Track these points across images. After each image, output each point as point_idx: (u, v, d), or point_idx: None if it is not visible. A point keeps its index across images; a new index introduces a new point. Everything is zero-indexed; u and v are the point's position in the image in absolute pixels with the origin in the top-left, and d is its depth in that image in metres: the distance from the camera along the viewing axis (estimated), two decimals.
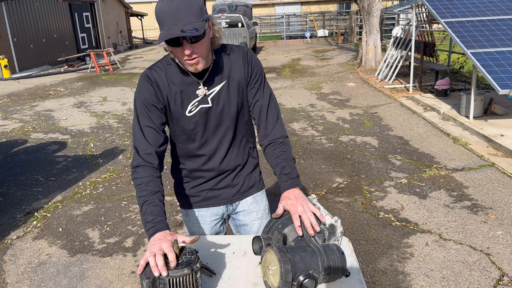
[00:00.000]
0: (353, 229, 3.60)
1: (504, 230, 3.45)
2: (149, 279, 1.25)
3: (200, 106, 1.61)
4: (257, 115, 1.69)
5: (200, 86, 1.60)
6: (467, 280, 2.86)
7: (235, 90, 1.64)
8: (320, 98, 8.88)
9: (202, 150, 1.69)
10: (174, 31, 1.39)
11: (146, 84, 1.58)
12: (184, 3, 1.41)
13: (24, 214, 4.13)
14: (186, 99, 1.60)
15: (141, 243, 3.52)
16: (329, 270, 1.26)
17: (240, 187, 1.80)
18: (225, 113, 1.65)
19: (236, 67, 1.63)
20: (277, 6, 29.52)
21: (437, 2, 7.38)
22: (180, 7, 1.40)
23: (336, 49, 18.42)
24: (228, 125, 1.67)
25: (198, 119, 1.63)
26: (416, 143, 5.70)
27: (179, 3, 1.40)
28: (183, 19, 1.40)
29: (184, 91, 1.59)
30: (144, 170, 1.50)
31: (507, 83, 5.45)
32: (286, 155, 1.63)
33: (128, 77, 12.80)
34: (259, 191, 1.86)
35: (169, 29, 1.40)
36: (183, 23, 1.40)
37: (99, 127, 7.21)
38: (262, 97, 1.69)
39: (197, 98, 1.60)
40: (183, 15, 1.40)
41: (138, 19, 27.68)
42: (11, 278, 3.10)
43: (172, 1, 1.40)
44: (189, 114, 1.61)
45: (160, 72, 1.60)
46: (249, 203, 1.84)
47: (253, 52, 1.69)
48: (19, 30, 14.86)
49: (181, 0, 1.40)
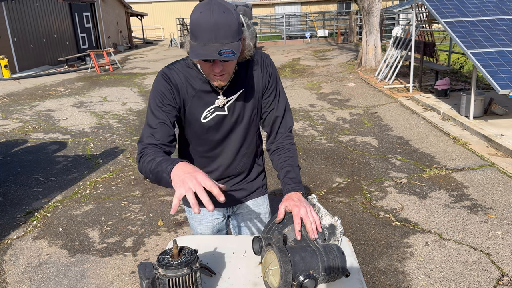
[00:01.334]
0: (353, 229, 3.60)
1: (504, 230, 3.44)
2: (149, 279, 1.25)
3: (216, 113, 1.59)
4: (270, 124, 1.68)
5: (219, 96, 1.57)
6: (467, 280, 2.85)
7: (252, 99, 1.62)
8: (320, 98, 8.88)
9: (210, 154, 1.69)
10: (210, 51, 1.32)
11: (164, 83, 1.53)
12: (224, 19, 1.32)
13: (24, 214, 4.13)
14: (203, 106, 1.57)
15: (141, 243, 3.52)
16: (329, 270, 1.26)
17: (242, 192, 1.81)
18: (239, 122, 1.64)
19: (254, 75, 1.61)
20: (277, 6, 29.51)
21: (437, 2, 7.38)
22: (219, 23, 1.31)
23: (336, 49, 18.42)
24: (240, 133, 1.67)
25: (211, 125, 1.61)
26: (416, 143, 5.69)
27: (219, 18, 1.32)
28: (221, 38, 1.32)
29: (202, 97, 1.56)
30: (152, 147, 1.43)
31: (507, 83, 5.45)
32: (292, 161, 1.64)
33: (128, 77, 12.80)
34: (261, 196, 1.87)
35: (204, 46, 1.33)
36: (220, 43, 1.32)
37: (99, 127, 7.21)
38: (277, 108, 1.67)
39: (214, 105, 1.58)
40: (221, 33, 1.32)
41: (138, 19, 27.67)
42: (11, 278, 3.10)
43: (211, 14, 1.31)
44: (204, 120, 1.59)
45: (180, 74, 1.55)
46: (249, 206, 1.85)
47: (271, 59, 1.66)
48: (19, 30, 14.86)
49: (221, 15, 1.32)
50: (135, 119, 7.64)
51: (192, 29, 1.36)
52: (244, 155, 1.73)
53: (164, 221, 3.87)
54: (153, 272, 1.27)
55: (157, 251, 3.39)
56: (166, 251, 1.35)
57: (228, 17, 1.32)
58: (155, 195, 4.44)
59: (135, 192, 4.53)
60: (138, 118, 7.69)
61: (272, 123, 1.68)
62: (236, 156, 1.71)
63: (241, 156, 1.72)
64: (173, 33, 27.15)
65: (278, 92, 1.67)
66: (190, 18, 1.37)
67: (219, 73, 1.44)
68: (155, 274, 1.27)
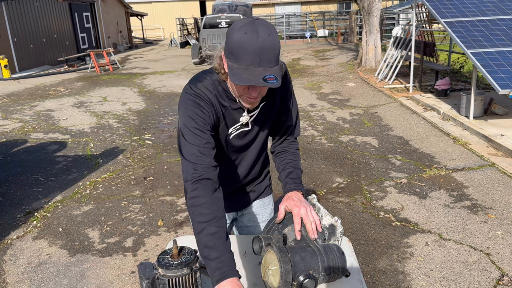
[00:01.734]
0: (353, 229, 3.60)
1: (504, 230, 3.44)
2: (149, 279, 1.25)
3: (241, 129, 1.58)
4: (280, 132, 1.68)
5: (244, 113, 1.54)
6: (467, 280, 2.85)
7: (272, 111, 1.60)
8: (320, 98, 8.88)
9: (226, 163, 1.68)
10: (254, 76, 1.27)
11: (198, 104, 1.43)
12: (270, 42, 1.28)
13: (24, 214, 4.13)
14: (230, 123, 1.55)
15: (141, 243, 3.52)
16: (329, 270, 1.26)
17: (252, 194, 1.83)
18: (259, 134, 1.63)
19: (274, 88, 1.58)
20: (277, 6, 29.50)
21: (437, 2, 7.37)
22: (265, 46, 1.27)
23: (336, 49, 18.41)
24: (258, 144, 1.67)
25: (235, 141, 1.60)
26: (416, 143, 5.69)
27: (265, 41, 1.27)
28: (265, 62, 1.28)
29: (230, 115, 1.53)
30: (205, 188, 1.32)
31: (507, 83, 5.45)
32: (296, 164, 1.66)
33: (128, 77, 12.80)
34: (267, 196, 1.88)
35: (247, 70, 1.28)
36: (264, 67, 1.28)
37: (99, 127, 7.21)
38: (289, 117, 1.66)
39: (240, 122, 1.56)
40: (266, 57, 1.27)
41: (138, 19, 27.67)
42: (11, 278, 3.10)
43: (257, 36, 1.26)
44: (230, 137, 1.58)
45: (210, 93, 1.47)
46: (256, 206, 1.86)
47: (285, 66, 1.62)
48: (19, 30, 14.86)
49: (267, 38, 1.27)
50: (135, 119, 7.64)
51: (233, 49, 1.29)
52: (259, 163, 1.76)
53: (164, 221, 3.87)
54: (153, 272, 1.27)
55: (157, 251, 3.39)
56: (166, 251, 1.35)
57: (273, 41, 1.28)
58: (155, 195, 4.44)
59: (135, 192, 4.53)
60: (138, 118, 7.69)
61: (283, 132, 1.68)
62: (252, 166, 1.73)
63: (256, 165, 1.75)
64: (173, 33, 27.14)
65: (291, 100, 1.65)
66: (232, 37, 1.30)
67: (255, 97, 1.41)
68: (155, 274, 1.27)
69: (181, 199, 4.32)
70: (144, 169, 5.19)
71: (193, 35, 24.96)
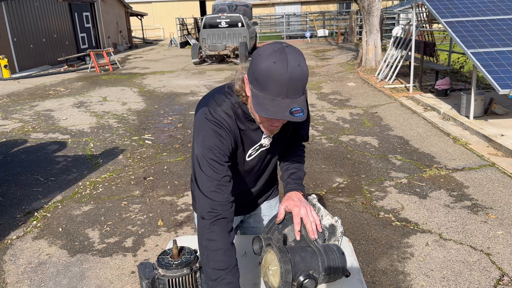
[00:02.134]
0: (353, 229, 3.60)
1: (504, 230, 3.44)
2: (149, 279, 1.25)
3: (260, 150, 1.54)
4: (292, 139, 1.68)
5: (265, 135, 1.49)
6: (467, 280, 2.85)
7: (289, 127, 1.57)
8: (320, 98, 8.88)
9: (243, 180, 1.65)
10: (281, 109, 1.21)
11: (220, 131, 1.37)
12: (299, 73, 1.21)
13: (24, 214, 4.13)
14: (249, 144, 1.50)
15: (141, 243, 3.52)
16: (329, 270, 1.26)
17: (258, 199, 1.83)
18: (275, 151, 1.61)
19: None
20: (277, 6, 29.50)
21: (437, 2, 7.37)
22: (294, 78, 1.20)
23: (336, 49, 18.41)
24: (274, 160, 1.66)
25: (256, 162, 1.57)
26: (416, 143, 5.69)
27: (294, 72, 1.20)
28: (292, 93, 1.21)
29: (248, 137, 1.47)
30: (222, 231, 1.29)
31: (507, 83, 5.45)
32: (299, 166, 1.66)
33: (128, 77, 12.79)
34: (274, 198, 1.88)
35: (273, 100, 1.21)
36: (291, 98, 1.22)
37: (99, 127, 7.21)
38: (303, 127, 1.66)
39: (259, 143, 1.51)
40: (294, 88, 1.21)
41: (138, 19, 27.67)
42: (11, 278, 3.10)
43: (287, 67, 1.19)
44: (248, 158, 1.53)
45: (229, 119, 1.40)
46: (263, 208, 1.86)
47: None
48: (19, 30, 14.85)
49: (296, 69, 1.20)
50: (135, 119, 7.63)
51: (260, 78, 1.22)
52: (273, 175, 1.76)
53: (164, 221, 3.87)
54: (153, 272, 1.27)
55: (157, 251, 3.38)
56: (166, 251, 1.35)
57: (302, 71, 1.22)
58: (155, 195, 4.43)
59: (135, 192, 4.53)
60: (138, 118, 7.69)
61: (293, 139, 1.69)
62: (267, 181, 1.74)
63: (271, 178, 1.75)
64: (173, 33, 27.14)
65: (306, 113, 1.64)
66: (259, 64, 1.23)
67: (277, 125, 1.37)
68: (155, 274, 1.27)
69: (181, 199, 4.32)
70: (144, 169, 5.19)
71: (193, 35, 24.97)
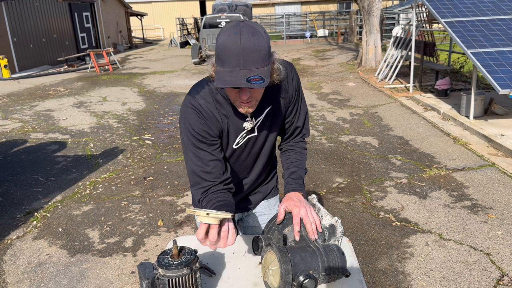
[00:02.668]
0: (353, 229, 3.60)
1: (504, 230, 3.44)
2: (149, 279, 1.25)
3: (247, 137, 1.54)
4: (290, 133, 1.67)
5: (247, 118, 1.50)
6: (467, 280, 2.85)
7: (279, 115, 1.57)
8: (320, 98, 8.88)
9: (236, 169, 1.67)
10: (238, 78, 1.25)
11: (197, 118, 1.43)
12: (254, 43, 1.24)
13: (24, 214, 4.12)
14: (235, 132, 1.51)
15: (141, 243, 3.52)
16: (329, 270, 1.26)
17: (259, 195, 1.83)
18: (266, 139, 1.60)
19: (282, 89, 1.53)
20: (277, 6, 29.50)
21: (437, 2, 7.37)
22: (248, 47, 1.24)
23: (336, 49, 18.41)
24: (267, 150, 1.65)
25: (243, 150, 1.57)
26: (416, 143, 5.69)
27: (248, 42, 1.24)
28: (250, 63, 1.25)
29: (233, 123, 1.50)
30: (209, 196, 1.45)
31: (507, 83, 5.45)
32: (300, 163, 1.65)
33: (128, 77, 12.79)
34: (274, 197, 1.88)
35: (231, 72, 1.25)
36: (249, 69, 1.25)
37: (99, 127, 7.20)
38: (298, 118, 1.64)
39: (245, 130, 1.52)
40: (250, 58, 1.24)
41: (138, 18, 27.68)
42: (11, 278, 3.10)
43: (240, 38, 1.24)
44: (236, 146, 1.55)
45: (209, 105, 1.45)
46: (262, 207, 1.86)
47: (295, 69, 1.59)
48: (19, 30, 14.85)
49: (250, 39, 1.24)
50: (135, 119, 7.63)
51: (218, 53, 1.28)
52: (267, 167, 1.75)
53: (164, 221, 3.87)
54: (153, 272, 1.27)
55: (157, 251, 3.38)
56: (166, 251, 1.35)
57: (257, 41, 1.25)
58: (155, 195, 4.43)
59: (135, 192, 4.53)
60: (138, 118, 7.69)
61: (291, 133, 1.67)
62: (263, 171, 1.73)
63: (265, 170, 1.75)
64: (173, 33, 27.15)
65: (300, 102, 1.62)
66: (217, 41, 1.29)
67: (247, 100, 1.37)
68: (155, 274, 1.27)
69: (181, 199, 4.32)
70: (144, 169, 5.19)
71: (193, 35, 24.97)
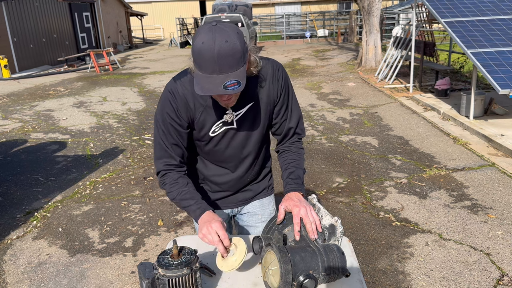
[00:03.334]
0: (353, 229, 3.60)
1: (504, 230, 3.44)
2: (149, 279, 1.25)
3: (224, 127, 1.56)
4: (283, 135, 1.68)
5: (228, 111, 1.53)
6: (467, 280, 2.85)
7: (263, 111, 1.58)
8: (320, 98, 8.88)
9: (223, 164, 1.68)
10: (215, 85, 1.28)
11: (170, 102, 1.50)
12: (227, 48, 1.26)
13: (24, 214, 4.13)
14: (211, 120, 1.54)
15: (141, 243, 3.52)
16: (329, 270, 1.26)
17: (249, 193, 1.81)
18: (249, 135, 1.61)
19: (265, 87, 1.55)
20: (277, 6, 29.50)
21: (437, 2, 7.37)
22: (223, 54, 1.26)
23: (336, 49, 18.41)
24: (252, 147, 1.65)
25: (220, 139, 1.59)
26: (416, 143, 5.69)
27: (221, 48, 1.26)
28: (226, 69, 1.28)
29: (210, 112, 1.52)
30: (171, 175, 1.56)
31: (507, 83, 5.45)
32: (298, 163, 1.66)
33: (128, 77, 12.80)
34: (267, 196, 1.87)
35: (208, 78, 1.29)
36: (225, 73, 1.28)
37: (99, 127, 7.21)
38: (290, 119, 1.64)
39: (222, 119, 1.54)
40: (226, 64, 1.27)
41: (138, 19, 27.67)
42: (11, 278, 3.10)
43: (214, 44, 1.26)
44: (213, 134, 1.57)
45: (186, 90, 1.49)
46: (255, 206, 1.85)
47: (283, 69, 1.61)
48: (19, 30, 14.85)
49: (223, 45, 1.26)
50: (135, 119, 7.63)
51: (195, 58, 1.31)
52: (256, 165, 1.74)
53: (164, 221, 3.87)
54: (153, 272, 1.27)
55: (157, 251, 3.38)
56: (166, 251, 1.35)
57: (230, 46, 1.27)
58: (155, 195, 4.43)
59: (135, 192, 4.53)
60: (138, 118, 7.69)
61: (285, 134, 1.68)
62: (249, 169, 1.72)
63: (253, 167, 1.74)
64: (173, 33, 27.14)
65: (290, 103, 1.63)
66: (192, 44, 1.32)
67: (226, 99, 1.43)
68: (155, 274, 1.27)
69: None
70: (144, 169, 5.19)
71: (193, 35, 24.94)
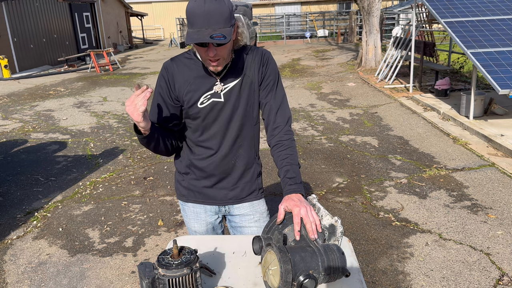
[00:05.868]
0: (353, 229, 3.60)
1: (504, 230, 3.44)
2: (149, 279, 1.25)
3: (212, 99, 1.67)
4: (267, 115, 1.74)
5: (217, 82, 1.67)
6: (467, 280, 2.85)
7: (247, 89, 1.70)
8: (320, 98, 8.88)
9: (207, 143, 1.74)
10: (203, 35, 1.45)
11: (163, 75, 1.70)
12: (216, 7, 1.45)
13: (24, 214, 4.13)
14: (200, 91, 1.67)
15: (141, 243, 3.52)
16: (329, 270, 1.26)
17: (238, 192, 1.81)
18: (235, 110, 1.70)
19: (252, 67, 1.70)
20: (277, 6, 29.50)
21: (437, 2, 7.38)
22: (211, 11, 1.45)
23: (336, 49, 18.41)
24: (236, 123, 1.71)
25: (208, 112, 1.68)
26: (416, 143, 5.69)
27: (211, 6, 1.45)
28: (213, 24, 1.45)
29: (199, 83, 1.67)
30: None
31: (507, 83, 5.45)
32: (292, 159, 1.65)
33: (128, 77, 12.80)
34: (258, 200, 1.86)
35: (198, 32, 1.46)
36: (213, 28, 1.46)
37: (99, 127, 7.21)
38: (273, 99, 1.73)
39: (211, 91, 1.66)
40: (214, 20, 1.45)
41: (138, 19, 27.67)
42: (11, 278, 3.10)
43: (204, 3, 1.45)
44: (201, 105, 1.67)
45: (180, 64, 1.68)
46: (245, 207, 1.85)
47: (271, 56, 1.75)
48: (19, 30, 14.86)
49: (213, 3, 1.45)
50: None
51: (188, 17, 1.49)
52: (240, 146, 1.76)
53: (164, 221, 3.87)
54: (153, 272, 1.27)
55: (157, 251, 3.39)
56: (166, 251, 1.35)
57: (219, 5, 1.46)
58: (155, 195, 4.44)
59: (135, 192, 4.53)
60: None
61: (269, 113, 1.73)
62: (233, 147, 1.74)
63: (237, 147, 1.75)
64: (173, 33, 27.15)
65: (275, 86, 1.74)
66: (186, 8, 1.50)
67: (214, 57, 1.53)
68: (155, 274, 1.27)
69: None
70: (144, 169, 5.19)
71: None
